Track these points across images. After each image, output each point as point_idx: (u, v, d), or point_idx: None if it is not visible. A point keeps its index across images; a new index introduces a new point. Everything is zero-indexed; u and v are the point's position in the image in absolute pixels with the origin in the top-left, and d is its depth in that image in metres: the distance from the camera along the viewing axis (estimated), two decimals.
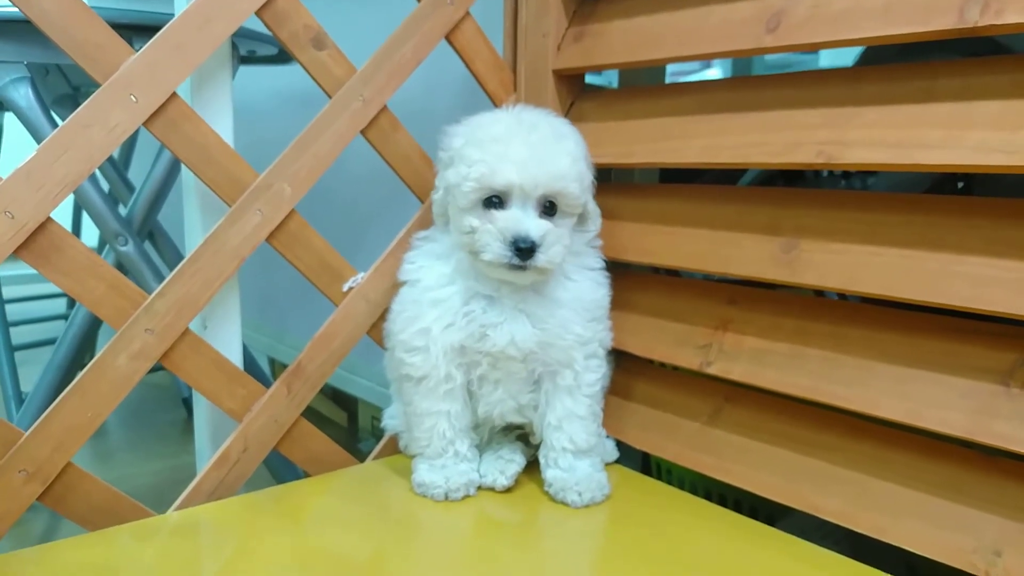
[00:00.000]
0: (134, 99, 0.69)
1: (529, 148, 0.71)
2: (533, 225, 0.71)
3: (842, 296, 0.83)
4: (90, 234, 1.87)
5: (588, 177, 0.76)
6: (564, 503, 0.75)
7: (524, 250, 0.70)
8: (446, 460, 0.78)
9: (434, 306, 0.76)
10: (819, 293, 0.85)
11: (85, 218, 2.11)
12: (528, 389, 0.78)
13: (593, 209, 0.79)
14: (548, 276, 0.75)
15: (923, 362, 0.66)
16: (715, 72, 1.96)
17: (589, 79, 1.00)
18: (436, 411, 0.77)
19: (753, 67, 1.75)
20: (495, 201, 0.72)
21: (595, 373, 0.78)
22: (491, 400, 0.78)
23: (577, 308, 0.76)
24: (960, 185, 1.01)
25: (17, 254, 0.65)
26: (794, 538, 0.69)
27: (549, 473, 0.77)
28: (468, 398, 0.79)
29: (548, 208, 0.73)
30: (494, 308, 0.75)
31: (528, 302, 0.75)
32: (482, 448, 0.82)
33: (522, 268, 0.71)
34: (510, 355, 0.75)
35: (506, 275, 0.73)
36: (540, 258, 0.70)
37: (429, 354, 0.76)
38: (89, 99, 0.67)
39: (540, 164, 0.71)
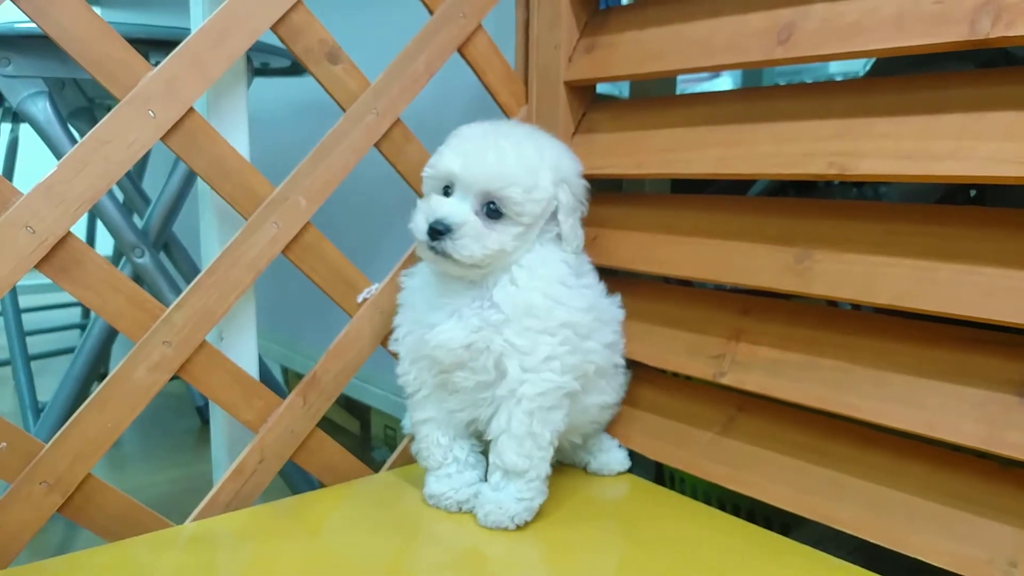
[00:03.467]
0: (152, 114, 0.70)
1: (482, 145, 0.73)
2: (453, 211, 0.72)
3: (855, 306, 0.83)
4: (104, 244, 1.89)
5: (547, 192, 0.75)
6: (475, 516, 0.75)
7: (436, 231, 0.71)
8: (449, 470, 0.78)
9: (402, 311, 0.80)
10: (832, 303, 0.86)
11: (100, 229, 2.13)
12: (488, 401, 0.75)
13: (569, 230, 0.77)
14: (475, 273, 0.73)
15: (937, 372, 0.66)
16: (724, 80, 1.96)
17: (599, 88, 1.00)
18: (424, 419, 0.79)
19: (763, 74, 1.75)
20: (447, 191, 0.75)
21: (535, 387, 0.72)
22: (450, 405, 0.77)
23: (516, 315, 0.72)
24: (972, 194, 1.01)
25: (38, 268, 0.66)
26: (808, 548, 0.69)
27: (481, 486, 0.76)
28: None
29: (493, 211, 0.73)
30: (436, 310, 0.75)
31: (464, 304, 0.74)
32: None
33: (437, 252, 0.72)
34: (439, 358, 0.74)
35: (432, 260, 0.74)
36: (448, 244, 0.71)
37: (402, 361, 0.79)
38: (108, 115, 0.68)
39: (483, 160, 0.72)
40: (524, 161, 0.73)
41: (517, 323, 0.72)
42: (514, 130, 0.77)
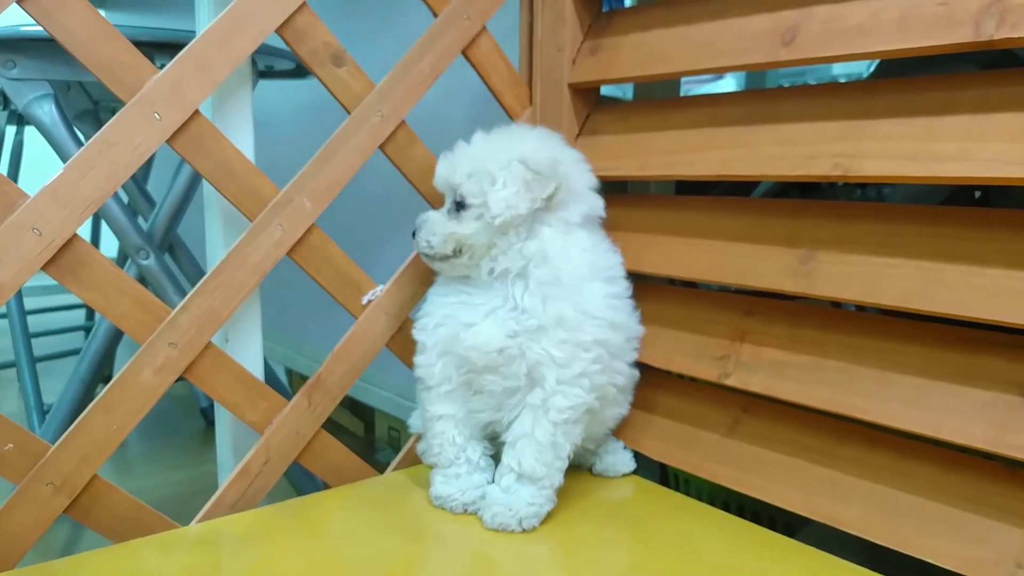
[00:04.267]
0: (158, 117, 0.70)
1: (458, 149, 0.78)
2: (428, 214, 0.79)
3: (860, 308, 0.83)
4: (108, 245, 1.89)
5: (494, 177, 0.73)
6: (481, 517, 0.75)
7: (414, 232, 0.79)
8: (459, 470, 0.78)
9: (431, 299, 0.81)
10: (836, 304, 0.85)
11: (104, 230, 2.13)
12: (513, 406, 0.76)
13: (497, 200, 0.72)
14: (460, 268, 0.77)
15: (942, 374, 0.66)
16: (728, 82, 1.96)
17: (603, 91, 1.00)
18: (442, 415, 0.78)
19: (767, 76, 1.75)
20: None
21: (567, 400, 0.73)
22: (473, 406, 0.78)
23: (548, 323, 0.72)
24: (977, 195, 1.01)
25: (44, 269, 0.67)
26: (813, 549, 0.69)
27: (488, 488, 0.76)
28: None
29: (459, 204, 0.76)
30: (470, 308, 0.76)
31: (497, 306, 0.75)
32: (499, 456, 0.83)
33: (420, 253, 0.79)
34: (472, 359, 0.74)
35: (425, 262, 0.81)
36: (415, 239, 0.78)
37: (428, 352, 0.78)
38: (114, 117, 0.68)
39: (449, 160, 0.78)
40: (487, 152, 0.76)
41: (553, 334, 0.72)
42: (508, 130, 0.80)
